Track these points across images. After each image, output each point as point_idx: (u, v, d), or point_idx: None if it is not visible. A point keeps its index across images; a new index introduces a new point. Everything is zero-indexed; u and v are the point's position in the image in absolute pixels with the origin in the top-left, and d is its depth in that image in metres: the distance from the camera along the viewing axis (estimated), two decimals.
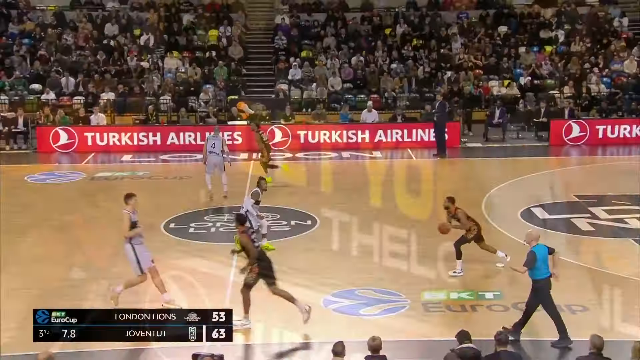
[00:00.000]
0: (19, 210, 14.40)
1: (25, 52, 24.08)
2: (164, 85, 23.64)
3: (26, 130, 20.74)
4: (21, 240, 12.75)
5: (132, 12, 26.69)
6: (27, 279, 11.15)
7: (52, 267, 11.57)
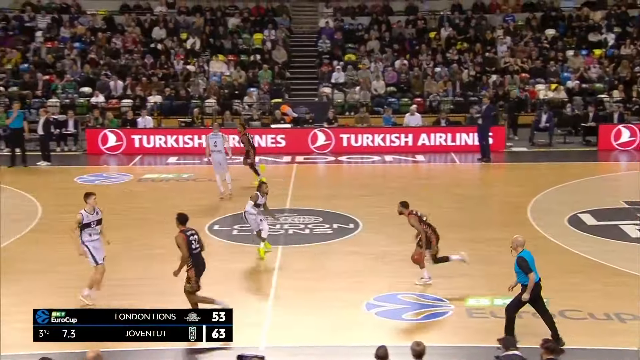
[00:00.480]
0: (69, 211, 14.68)
1: (76, 56, 24.65)
2: (209, 88, 23.92)
3: (76, 132, 21.19)
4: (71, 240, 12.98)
5: (179, 16, 27.11)
6: (76, 277, 11.36)
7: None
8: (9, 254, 12.16)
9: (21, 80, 23.46)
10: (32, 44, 25.17)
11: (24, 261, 11.97)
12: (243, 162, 16.87)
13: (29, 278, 11.25)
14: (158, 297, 10.45)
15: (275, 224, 14.21)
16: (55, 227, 13.53)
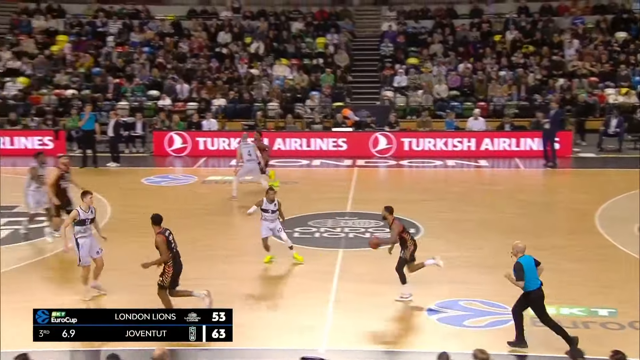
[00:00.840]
0: (136, 211, 15.11)
1: (145, 60, 25.33)
2: (271, 91, 24.19)
3: (144, 134, 21.75)
4: (139, 240, 13.34)
5: (244, 20, 27.53)
6: (143, 276, 11.66)
7: None
8: None
9: (93, 84, 24.26)
10: (104, 49, 26.00)
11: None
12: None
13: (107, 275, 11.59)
14: (219, 297, 10.61)
15: (335, 227, 14.26)
16: (123, 226, 13.92)
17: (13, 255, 12.22)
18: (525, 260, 8.87)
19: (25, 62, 24.85)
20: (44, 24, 26.87)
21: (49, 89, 23.83)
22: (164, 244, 9.57)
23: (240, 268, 11.99)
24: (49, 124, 21.56)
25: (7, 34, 26.54)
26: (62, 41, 26.24)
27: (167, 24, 27.42)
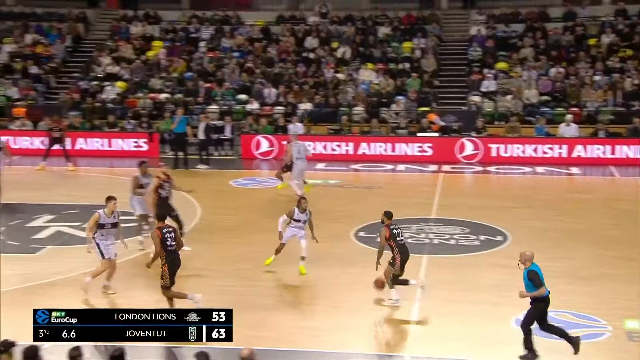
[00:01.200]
0: (225, 212, 15.48)
1: (234, 65, 25.94)
2: (357, 96, 24.23)
3: (232, 137, 22.26)
4: (227, 241, 13.66)
5: (331, 25, 27.72)
6: (230, 276, 11.93)
7: (255, 267, 12.26)
8: None
9: (185, 88, 25.04)
10: (196, 54, 26.80)
11: (184, 259, 12.70)
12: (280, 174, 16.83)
13: (188, 275, 11.93)
14: (298, 300, 10.72)
15: (420, 233, 14.12)
16: (212, 227, 14.28)
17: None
18: (537, 267, 8.75)
19: (124, 67, 25.94)
20: (141, 30, 27.98)
21: (144, 92, 24.77)
22: (157, 238, 9.79)
23: (321, 272, 12.04)
24: (144, 127, 22.42)
25: (107, 40, 27.79)
26: (158, 47, 27.23)
27: (256, 29, 27.98)
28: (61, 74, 26.58)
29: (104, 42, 27.68)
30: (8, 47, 26.91)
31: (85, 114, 23.09)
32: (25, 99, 24.27)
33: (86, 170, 19.62)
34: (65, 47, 27.40)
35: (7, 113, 23.38)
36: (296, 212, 11.81)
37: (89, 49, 27.71)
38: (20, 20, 28.23)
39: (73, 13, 28.82)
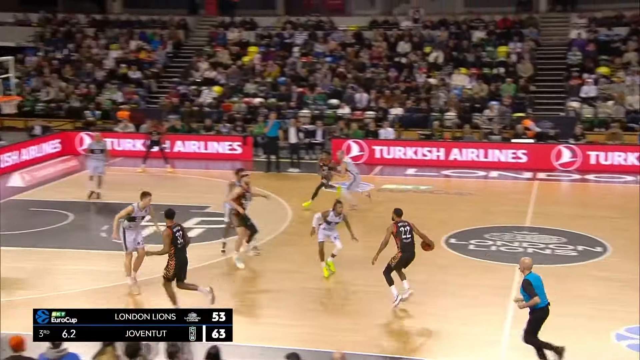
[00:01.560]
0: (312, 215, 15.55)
1: (327, 70, 26.16)
2: (449, 101, 23.87)
3: (323, 141, 22.41)
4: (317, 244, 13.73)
5: (424, 30, 27.46)
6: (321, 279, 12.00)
7: (345, 271, 12.29)
8: (263, 253, 13.18)
9: (278, 92, 25.47)
10: (290, 59, 27.22)
11: (276, 261, 12.92)
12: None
13: (279, 277, 12.13)
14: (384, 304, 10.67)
15: (513, 242, 13.73)
16: (303, 230, 14.37)
17: (202, 253, 13.11)
18: (532, 276, 8.63)
19: (220, 72, 26.68)
20: (237, 36, 28.70)
21: (239, 97, 25.37)
22: (168, 237, 10.07)
23: (411, 277, 11.91)
24: (238, 130, 22.96)
25: (205, 46, 28.68)
26: (253, 52, 27.85)
27: (349, 34, 28.09)
28: (162, 79, 27.65)
29: (202, 47, 28.57)
30: (114, 53, 28.26)
31: (183, 118, 23.89)
32: (129, 102, 25.39)
33: (183, 172, 20.28)
34: (166, 53, 28.49)
35: (111, 116, 24.53)
36: (331, 214, 11.90)
37: (188, 55, 28.69)
38: (126, 28, 29.59)
39: (174, 20, 29.93)
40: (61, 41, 29.27)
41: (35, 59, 28.28)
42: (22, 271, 11.99)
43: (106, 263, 12.44)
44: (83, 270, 12.01)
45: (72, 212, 15.50)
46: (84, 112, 24.95)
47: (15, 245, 13.45)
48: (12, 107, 15.71)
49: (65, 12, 31.41)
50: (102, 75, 27.01)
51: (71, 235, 14.04)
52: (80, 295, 11.07)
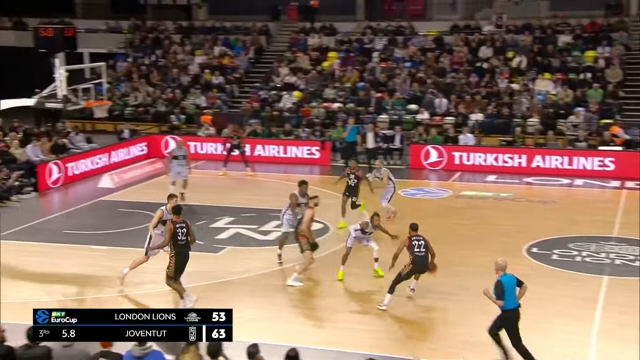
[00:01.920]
0: (391, 221, 15.50)
1: (406, 75, 25.99)
2: (532, 107, 23.24)
3: (401, 147, 22.25)
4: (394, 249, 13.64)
5: (507, 34, 26.86)
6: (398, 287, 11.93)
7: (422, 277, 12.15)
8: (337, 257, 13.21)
9: (357, 97, 25.49)
10: (369, 64, 27.21)
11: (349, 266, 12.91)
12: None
13: (348, 280, 12.12)
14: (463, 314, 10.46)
15: (599, 252, 13.21)
16: (379, 235, 14.26)
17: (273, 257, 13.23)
18: (505, 279, 8.81)
19: (300, 77, 26.97)
20: (317, 42, 28.95)
21: (318, 102, 25.56)
22: (169, 232, 10.50)
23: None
24: (317, 135, 23.12)
25: (286, 52, 29.07)
26: (332, 57, 28.01)
27: (429, 39, 27.82)
28: (243, 84, 28.21)
29: (283, 53, 28.98)
30: (199, 59, 29.05)
31: (264, 122, 24.28)
32: (212, 107, 26.03)
33: (263, 176, 20.59)
34: (248, 58, 29.05)
35: (195, 120, 25.21)
36: (370, 226, 12.13)
37: (269, 60, 29.15)
38: (210, 34, 30.37)
39: (257, 26, 30.48)
40: (149, 47, 30.32)
41: (125, 65, 29.41)
42: (110, 269, 12.47)
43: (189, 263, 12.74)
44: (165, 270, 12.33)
45: None
46: (169, 116, 25.74)
47: (105, 244, 14.00)
48: (103, 111, 16.42)
49: (154, 19, 32.53)
50: (187, 81, 27.81)
51: None
52: (161, 294, 11.39)
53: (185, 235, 10.59)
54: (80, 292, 11.49)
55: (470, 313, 10.49)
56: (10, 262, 12.66)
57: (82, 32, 25.16)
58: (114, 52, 30.59)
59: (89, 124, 25.80)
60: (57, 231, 14.85)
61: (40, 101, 15.36)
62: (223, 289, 11.71)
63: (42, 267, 12.61)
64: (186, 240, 10.61)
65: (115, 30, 31.92)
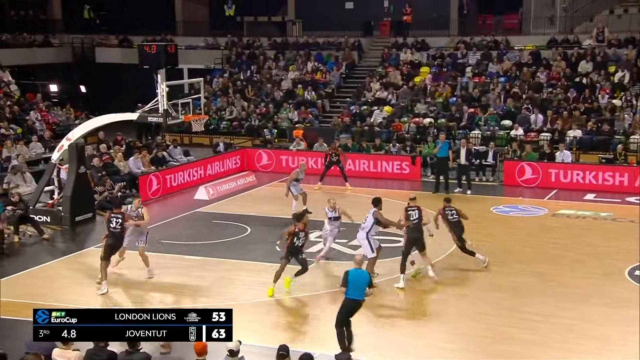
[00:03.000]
0: (482, 239, 15.19)
1: (500, 90, 25.44)
2: (635, 123, 22.18)
3: (494, 163, 21.76)
4: (485, 268, 13.35)
5: (609, 49, 25.82)
6: (489, 305, 11.65)
7: (514, 297, 11.83)
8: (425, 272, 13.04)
9: (449, 113, 25.17)
10: (462, 79, 26.84)
11: (442, 284, 12.71)
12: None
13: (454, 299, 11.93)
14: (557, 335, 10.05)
15: None
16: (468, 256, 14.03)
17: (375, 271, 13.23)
18: (353, 272, 9.68)
19: (391, 92, 26.94)
20: (409, 57, 28.84)
21: (409, 117, 25.42)
22: (106, 221, 12.40)
23: (592, 310, 11.17)
24: (407, 150, 22.97)
25: (378, 67, 29.13)
26: (424, 72, 27.81)
27: (525, 54, 27.15)
28: (335, 99, 28.46)
29: (374, 68, 29.04)
30: (292, 74, 29.59)
31: (354, 137, 24.37)
32: (303, 121, 26.41)
33: (354, 191, 20.63)
34: (340, 73, 29.31)
35: (287, 134, 25.64)
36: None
37: (361, 75, 29.30)
38: (303, 50, 30.88)
39: (349, 41, 30.72)
40: (245, 63, 31.18)
41: (221, 80, 30.36)
42: (205, 279, 12.82)
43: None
44: (259, 282, 12.55)
45: (250, 226, 16.32)
46: (262, 130, 26.31)
47: (200, 254, 14.43)
48: (200, 125, 16.94)
49: (249, 36, 33.45)
50: (279, 95, 28.37)
51: (249, 248, 14.78)
52: (254, 305, 11.60)
53: (119, 225, 12.27)
54: (177, 301, 11.83)
55: (562, 335, 10.08)
56: (109, 269, 13.25)
57: (182, 49, 26.14)
58: (211, 68, 31.65)
59: (186, 137, 26.77)
60: (155, 241, 15.44)
61: (142, 115, 16.01)
62: (312, 302, 11.78)
63: (139, 276, 13.08)
64: (119, 230, 12.27)
65: (213, 47, 33.01)
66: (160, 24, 34.26)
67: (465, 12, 31.03)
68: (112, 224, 12.31)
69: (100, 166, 19.03)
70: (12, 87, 27.55)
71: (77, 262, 14.01)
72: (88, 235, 15.99)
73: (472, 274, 12.82)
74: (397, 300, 11.97)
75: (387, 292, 12.08)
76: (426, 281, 12.65)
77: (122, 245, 12.71)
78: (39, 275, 13.17)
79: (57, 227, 16.22)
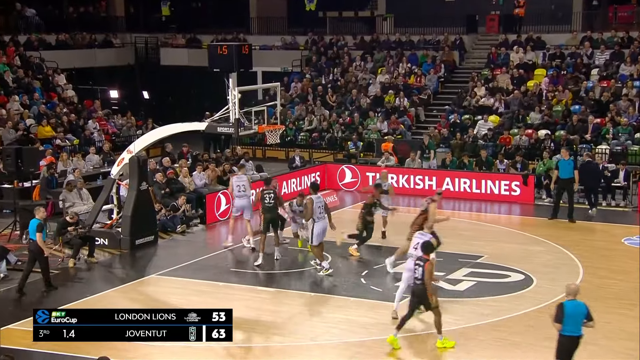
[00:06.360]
0: (612, 276, 14.63)
1: (634, 96, 24.64)
2: None
3: (626, 185, 21.01)
4: (613, 311, 12.89)
5: None
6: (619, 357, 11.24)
7: None
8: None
9: (570, 123, 24.49)
10: (585, 83, 26.16)
11: None
12: None
13: None
14: None
15: None
16: (597, 293, 13.54)
17: (473, 310, 12.99)
18: (570, 305, 9.46)
19: (499, 98, 26.54)
20: (521, 57, 28.36)
21: (520, 128, 24.93)
22: (259, 198, 15.57)
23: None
24: (518, 168, 22.46)
25: (484, 69, 28.78)
26: (540, 75, 27.30)
27: None
28: (431, 107, 28.30)
29: (479, 71, 28.73)
30: (381, 77, 29.64)
31: (453, 151, 24.11)
32: (394, 133, 26.36)
33: (451, 214, 20.32)
34: (437, 77, 29.14)
35: (375, 148, 25.58)
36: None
37: (462, 79, 29.05)
38: (395, 49, 30.89)
39: (449, 39, 30.53)
40: (327, 65, 31.47)
41: (299, 85, 30.73)
42: (279, 315, 12.92)
43: (366, 313, 12.90)
44: (341, 320, 12.56)
45: (330, 254, 16.21)
46: (346, 143, 26.39)
47: (272, 286, 14.58)
48: (276, 136, 17.09)
49: (333, 33, 33.77)
50: (366, 103, 28.45)
51: (330, 279, 14.80)
52: (336, 346, 11.60)
53: (274, 199, 15.17)
54: (247, 339, 11.93)
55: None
56: (171, 300, 13.56)
57: (255, 49, 26.65)
58: (287, 71, 32.10)
59: (259, 150, 27.25)
60: (223, 268, 15.70)
61: (211, 125, 16.32)
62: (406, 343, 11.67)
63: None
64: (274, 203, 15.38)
65: (291, 47, 33.51)
66: (232, 20, 35.12)
67: (596, 3, 30.19)
68: (266, 200, 15.15)
69: (163, 182, 19.57)
70: (69, 92, 28.78)
71: (136, 291, 14.41)
72: (149, 261, 16.43)
73: (600, 315, 12.35)
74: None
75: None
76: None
77: (278, 218, 15.68)
78: (93, 306, 13.63)
79: (115, 250, 16.73)
